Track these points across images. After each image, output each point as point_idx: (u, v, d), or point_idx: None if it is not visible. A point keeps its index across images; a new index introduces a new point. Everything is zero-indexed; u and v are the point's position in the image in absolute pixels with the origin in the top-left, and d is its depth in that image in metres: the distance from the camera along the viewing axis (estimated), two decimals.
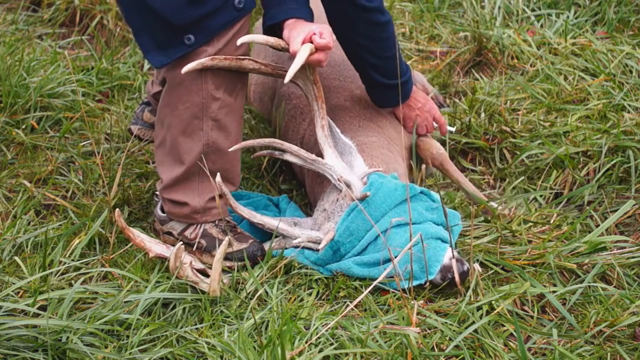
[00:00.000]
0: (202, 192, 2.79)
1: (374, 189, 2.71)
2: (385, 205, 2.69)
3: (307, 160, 2.80)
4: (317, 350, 2.33)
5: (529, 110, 3.54)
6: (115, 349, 2.37)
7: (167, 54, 2.65)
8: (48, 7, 4.62)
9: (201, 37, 2.62)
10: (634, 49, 3.83)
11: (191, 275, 2.58)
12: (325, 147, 2.81)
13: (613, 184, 3.13)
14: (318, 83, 2.78)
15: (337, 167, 2.78)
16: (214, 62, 2.61)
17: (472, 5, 4.36)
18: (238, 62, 2.66)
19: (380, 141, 2.96)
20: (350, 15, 2.80)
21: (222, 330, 2.44)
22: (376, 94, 3.01)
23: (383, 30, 2.86)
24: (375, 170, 2.78)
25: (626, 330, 2.45)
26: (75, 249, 2.79)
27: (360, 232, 2.69)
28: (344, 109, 3.04)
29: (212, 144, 2.73)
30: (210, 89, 2.67)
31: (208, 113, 2.69)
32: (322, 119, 2.82)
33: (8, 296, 2.54)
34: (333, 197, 2.78)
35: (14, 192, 3.15)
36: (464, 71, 3.98)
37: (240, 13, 2.63)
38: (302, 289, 2.67)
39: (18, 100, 3.52)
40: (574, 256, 2.74)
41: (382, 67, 2.92)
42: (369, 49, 2.87)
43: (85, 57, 4.17)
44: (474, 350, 2.36)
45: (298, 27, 2.66)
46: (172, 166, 2.78)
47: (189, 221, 2.83)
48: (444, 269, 2.58)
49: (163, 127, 2.77)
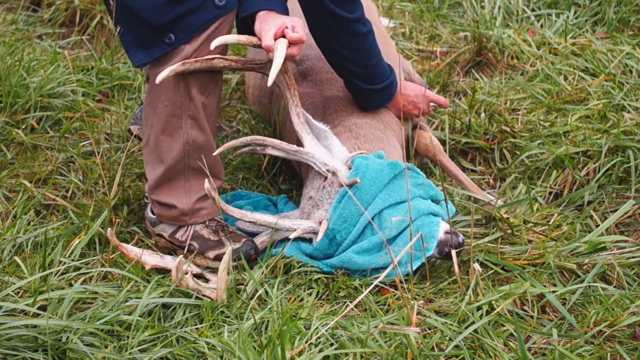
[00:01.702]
0: (189, 192, 2.78)
1: (360, 172, 2.71)
2: (374, 187, 2.70)
3: (289, 151, 2.81)
4: (317, 350, 2.33)
5: (529, 110, 3.54)
6: (116, 349, 2.37)
7: (148, 52, 2.66)
8: (48, 7, 4.61)
9: (182, 35, 2.62)
10: (634, 49, 3.83)
11: (193, 284, 2.58)
12: (304, 135, 2.81)
13: (613, 184, 3.13)
14: (289, 72, 2.78)
15: (320, 155, 2.78)
16: (185, 66, 2.61)
17: (472, 5, 4.36)
18: (208, 62, 2.65)
19: (374, 123, 2.97)
20: (331, 25, 2.80)
21: (222, 330, 2.44)
22: (360, 98, 3.02)
23: (364, 41, 2.87)
24: (358, 153, 2.78)
25: (626, 330, 2.45)
26: (75, 249, 2.79)
27: (354, 217, 2.69)
28: (338, 99, 3.05)
29: (192, 142, 2.73)
30: (188, 87, 2.67)
31: (186, 111, 2.70)
32: (297, 107, 2.82)
33: (8, 296, 2.54)
34: (317, 183, 2.78)
35: (14, 192, 3.15)
36: (464, 71, 3.98)
37: (221, 11, 2.62)
38: (302, 289, 2.67)
39: (18, 100, 3.52)
40: (574, 256, 2.74)
41: (364, 75, 2.93)
42: (350, 58, 2.88)
43: (85, 57, 4.17)
44: (474, 350, 2.36)
45: (269, 20, 2.65)
46: (155, 166, 2.79)
47: (178, 223, 2.83)
48: (441, 244, 2.62)
49: (147, 125, 2.79)
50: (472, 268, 2.57)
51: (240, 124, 3.57)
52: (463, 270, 2.70)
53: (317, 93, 3.08)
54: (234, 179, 3.26)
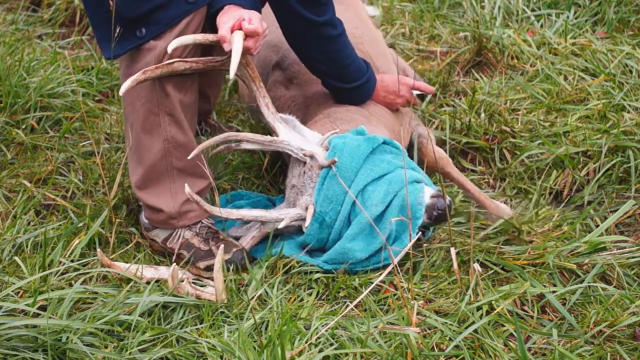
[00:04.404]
0: (175, 195, 2.79)
1: (338, 151, 2.72)
2: (354, 163, 2.71)
3: (264, 143, 2.81)
4: (317, 350, 2.33)
5: (529, 110, 3.54)
6: (116, 349, 2.37)
7: (121, 45, 2.67)
8: (48, 7, 4.62)
9: (152, 29, 2.63)
10: (634, 49, 3.82)
11: (191, 290, 2.58)
12: (276, 124, 2.82)
13: (613, 184, 3.13)
14: (251, 64, 2.79)
15: (295, 141, 2.78)
16: (145, 75, 2.62)
17: (472, 5, 4.36)
18: (169, 67, 2.65)
19: (355, 109, 2.98)
20: (299, 28, 2.81)
21: (222, 331, 2.44)
22: (338, 96, 3.03)
23: (334, 43, 2.87)
24: (333, 133, 2.79)
25: (626, 330, 2.45)
26: (75, 249, 2.79)
27: (340, 196, 2.69)
28: (320, 95, 3.06)
29: (171, 139, 2.73)
30: (162, 84, 2.68)
31: (163, 108, 2.70)
32: (264, 98, 2.83)
33: (8, 296, 2.54)
34: (297, 170, 2.78)
35: (14, 192, 3.15)
36: (464, 71, 3.98)
37: (191, 7, 2.63)
38: (302, 289, 2.67)
39: (18, 100, 3.52)
40: (574, 256, 2.74)
41: (338, 75, 2.94)
42: (321, 60, 2.90)
43: (85, 57, 4.17)
44: (474, 350, 2.36)
45: (229, 13, 2.66)
46: (136, 166, 2.80)
47: (167, 227, 2.83)
48: (429, 208, 2.65)
49: (128, 127, 2.79)
50: (472, 268, 2.57)
51: (240, 124, 3.57)
52: (463, 270, 2.71)
53: (300, 94, 3.10)
54: (234, 179, 3.26)
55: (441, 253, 2.81)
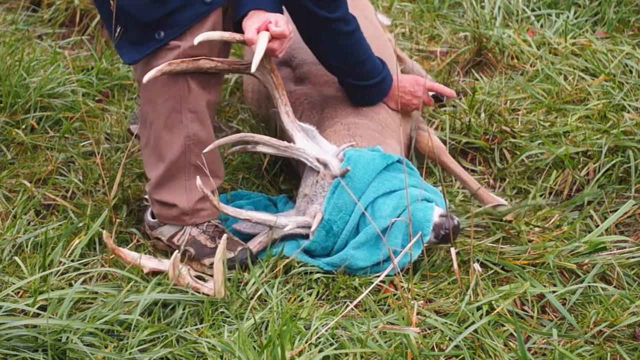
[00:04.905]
0: (190, 192, 2.79)
1: (352, 162, 2.73)
2: (366, 176, 2.71)
3: (280, 148, 2.82)
4: (317, 350, 2.33)
5: (529, 110, 3.54)
6: (116, 349, 2.37)
7: (139, 50, 2.68)
8: (48, 7, 4.61)
9: (171, 32, 2.64)
10: (634, 49, 3.83)
11: (191, 282, 2.58)
12: (294, 132, 2.82)
13: (613, 184, 3.13)
14: (275, 71, 2.80)
15: (310, 149, 2.79)
16: (171, 67, 2.63)
17: (472, 5, 4.36)
18: (194, 63, 2.67)
19: (372, 124, 2.97)
20: (313, 26, 2.82)
21: (222, 330, 2.44)
22: (353, 95, 3.02)
23: (348, 39, 2.87)
24: (349, 145, 2.79)
25: (626, 330, 2.45)
26: (75, 249, 2.79)
27: (349, 206, 2.70)
28: (336, 98, 3.05)
29: (193, 136, 2.74)
30: (187, 81, 2.69)
31: (186, 105, 2.71)
32: (285, 105, 2.84)
33: (8, 296, 2.54)
34: (311, 180, 2.79)
35: (14, 192, 3.15)
36: (464, 71, 3.98)
37: (209, 7, 2.65)
38: (302, 289, 2.67)
39: (18, 100, 3.52)
40: (574, 256, 2.74)
41: (353, 72, 2.94)
42: (336, 56, 2.90)
43: (85, 57, 4.17)
44: (474, 350, 2.36)
45: (255, 17, 2.68)
46: (156, 164, 2.80)
47: (178, 223, 2.83)
48: (436, 227, 2.64)
49: (146, 125, 2.79)
50: (472, 268, 2.57)
51: (240, 124, 3.57)
52: (463, 270, 2.71)
53: (316, 93, 3.08)
54: (234, 179, 3.26)
55: (441, 253, 2.81)
